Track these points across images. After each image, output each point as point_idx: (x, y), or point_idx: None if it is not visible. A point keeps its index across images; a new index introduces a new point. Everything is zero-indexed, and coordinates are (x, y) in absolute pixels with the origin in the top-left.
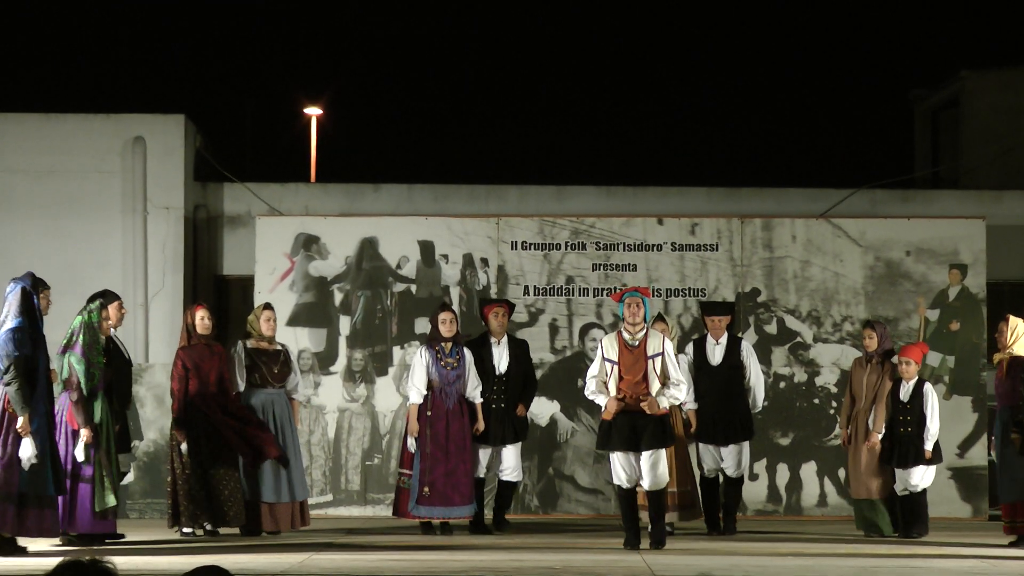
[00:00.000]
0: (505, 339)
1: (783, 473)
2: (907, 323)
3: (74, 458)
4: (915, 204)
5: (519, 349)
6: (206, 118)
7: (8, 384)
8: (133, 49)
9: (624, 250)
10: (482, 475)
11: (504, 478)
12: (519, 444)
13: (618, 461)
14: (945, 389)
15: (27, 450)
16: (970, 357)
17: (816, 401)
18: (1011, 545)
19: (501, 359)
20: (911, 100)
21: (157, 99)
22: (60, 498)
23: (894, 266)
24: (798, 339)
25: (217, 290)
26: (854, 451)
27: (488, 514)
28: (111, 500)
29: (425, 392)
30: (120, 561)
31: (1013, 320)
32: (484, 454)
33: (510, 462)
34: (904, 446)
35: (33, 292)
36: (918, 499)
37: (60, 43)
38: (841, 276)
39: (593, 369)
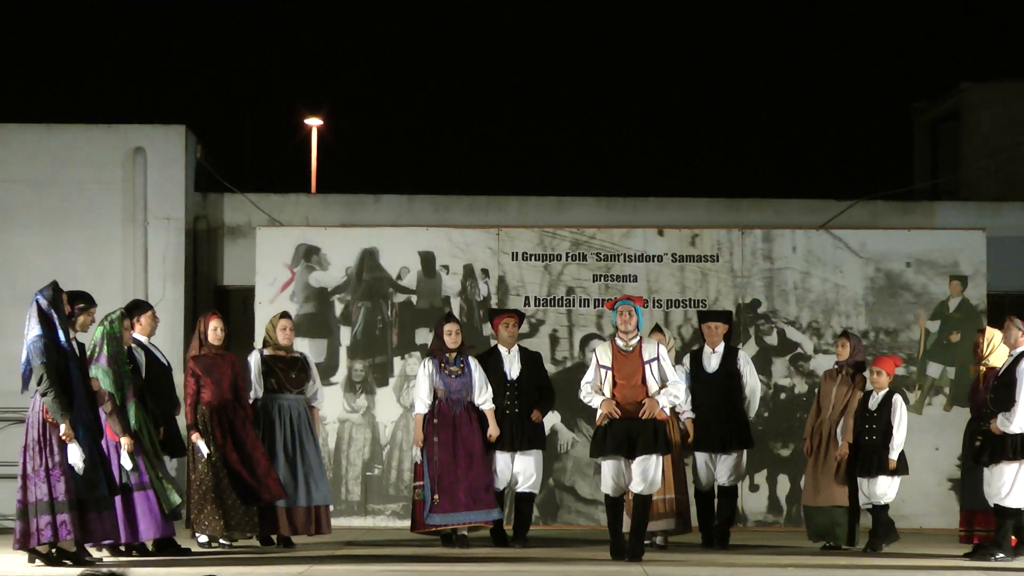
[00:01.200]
0: (516, 348)
1: (784, 484)
2: (907, 334)
3: (122, 468)
4: (915, 216)
5: (531, 358)
6: (207, 129)
7: (44, 394)
8: (133, 60)
9: (624, 261)
10: (501, 487)
11: (519, 490)
12: (538, 453)
13: (608, 468)
14: (945, 400)
15: (75, 454)
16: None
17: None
18: (966, 556)
19: (512, 365)
20: (911, 112)
21: (157, 110)
22: (118, 506)
23: (894, 277)
24: (799, 350)
25: (218, 301)
26: (815, 460)
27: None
28: (176, 498)
29: (430, 402)
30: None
31: (990, 331)
32: (503, 461)
33: (526, 472)
34: (867, 455)
35: (52, 302)
36: (881, 512)
37: (60, 54)
38: (841, 287)
39: (588, 376)
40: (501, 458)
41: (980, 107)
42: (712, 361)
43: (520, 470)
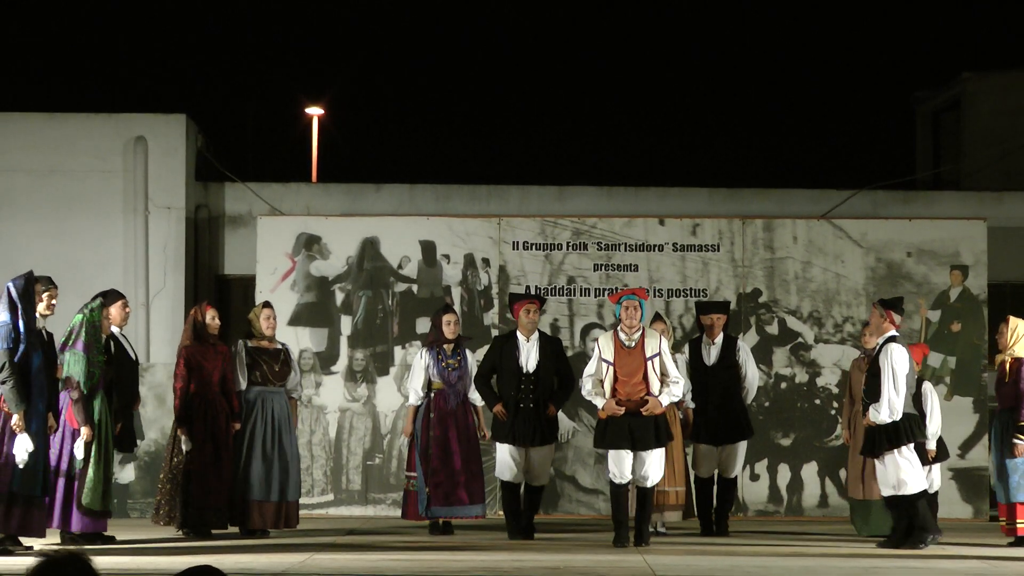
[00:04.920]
0: (536, 336)
1: (784, 474)
2: (908, 324)
3: (71, 457)
4: (916, 205)
5: (551, 347)
6: (207, 118)
7: (3, 383)
8: (134, 49)
9: (625, 250)
10: (506, 478)
11: (531, 483)
12: (550, 447)
13: (613, 458)
14: (946, 390)
15: (22, 447)
16: (971, 358)
17: (817, 402)
18: (1010, 545)
19: (529, 356)
20: (912, 102)
21: (158, 99)
22: (57, 497)
23: (895, 267)
24: (799, 340)
25: (218, 290)
26: (853, 451)
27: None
28: (94, 501)
29: (422, 394)
30: (118, 560)
31: (1013, 321)
32: (511, 454)
33: (538, 469)
34: None
35: (22, 292)
36: (929, 501)
37: (62, 43)
38: (842, 277)
39: (589, 368)
40: (509, 451)
41: (981, 97)
42: (712, 352)
43: (532, 467)
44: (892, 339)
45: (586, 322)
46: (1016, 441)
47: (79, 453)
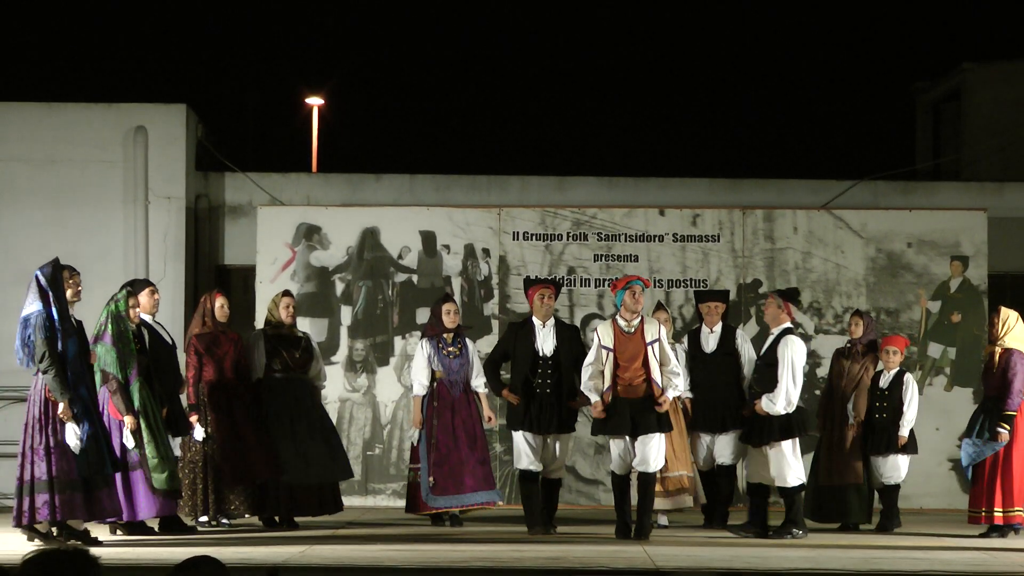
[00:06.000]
0: (552, 322)
1: None
2: (908, 315)
3: (123, 448)
4: (917, 196)
5: (568, 332)
6: (208, 107)
7: (45, 372)
8: (135, 38)
9: (625, 241)
10: (523, 467)
11: (547, 476)
12: (567, 436)
13: (616, 447)
14: (946, 381)
15: (71, 434)
16: (971, 349)
17: (817, 392)
18: (981, 536)
19: (546, 341)
20: (913, 92)
21: (159, 88)
22: (118, 484)
23: (895, 258)
24: (799, 330)
25: (219, 280)
26: (828, 438)
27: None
28: (161, 477)
29: (427, 384)
30: (118, 552)
31: (1004, 312)
32: (527, 441)
33: (556, 460)
34: (878, 434)
35: (50, 279)
36: (891, 492)
37: (61, 32)
38: (842, 267)
39: (589, 358)
40: (525, 438)
41: (982, 87)
42: (710, 341)
43: (549, 457)
44: (789, 331)
45: (586, 312)
46: (1000, 429)
47: (129, 443)
